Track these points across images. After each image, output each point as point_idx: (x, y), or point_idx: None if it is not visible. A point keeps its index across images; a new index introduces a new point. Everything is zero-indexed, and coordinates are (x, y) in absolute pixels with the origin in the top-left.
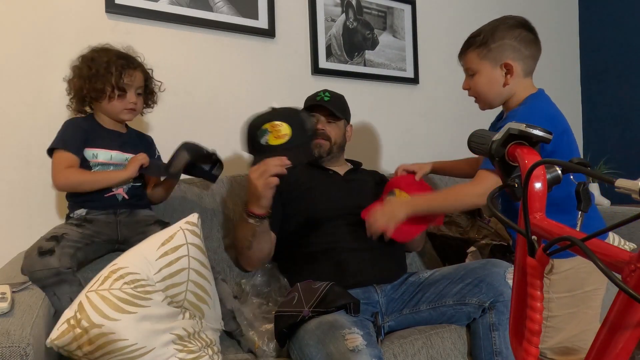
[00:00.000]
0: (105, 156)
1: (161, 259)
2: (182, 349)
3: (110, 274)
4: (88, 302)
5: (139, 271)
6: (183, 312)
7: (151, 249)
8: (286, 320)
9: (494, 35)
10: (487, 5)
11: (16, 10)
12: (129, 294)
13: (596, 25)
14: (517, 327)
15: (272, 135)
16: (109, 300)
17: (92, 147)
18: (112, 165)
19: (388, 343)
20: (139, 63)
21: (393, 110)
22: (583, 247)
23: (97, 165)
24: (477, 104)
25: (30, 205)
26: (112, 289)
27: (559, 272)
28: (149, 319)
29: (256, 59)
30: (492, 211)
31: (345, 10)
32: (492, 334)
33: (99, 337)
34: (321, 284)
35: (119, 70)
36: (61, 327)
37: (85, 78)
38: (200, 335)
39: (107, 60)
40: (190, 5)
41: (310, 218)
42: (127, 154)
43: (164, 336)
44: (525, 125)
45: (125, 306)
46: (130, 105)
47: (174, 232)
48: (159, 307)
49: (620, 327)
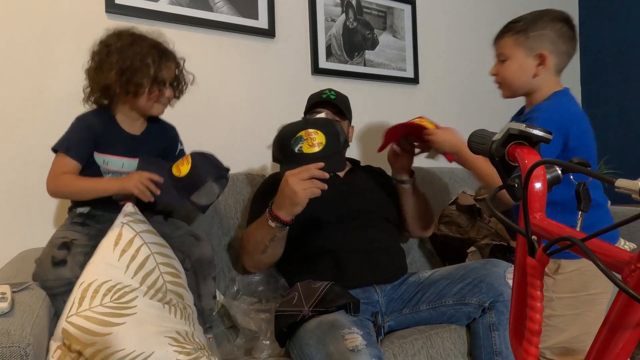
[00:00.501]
0: (117, 164)
1: (123, 258)
2: (181, 350)
3: (84, 292)
4: (72, 327)
5: (109, 278)
6: (171, 309)
7: (108, 254)
8: (286, 319)
9: (535, 24)
10: (487, 5)
11: (16, 10)
12: (112, 307)
13: (596, 25)
14: (517, 327)
15: (307, 144)
16: (94, 319)
17: (103, 153)
18: (123, 173)
19: (388, 343)
20: (172, 53)
21: (393, 110)
22: (583, 247)
23: (108, 173)
24: (500, 91)
25: (30, 205)
26: (92, 307)
27: (564, 272)
28: (139, 325)
29: (256, 59)
30: (492, 211)
31: (345, 10)
32: (492, 333)
33: (95, 355)
34: (321, 284)
35: (157, 63)
36: (55, 354)
37: (118, 71)
38: (193, 338)
39: (142, 50)
40: (190, 5)
41: (309, 222)
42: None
43: (159, 338)
44: (525, 125)
45: (112, 319)
46: (165, 100)
47: (119, 230)
48: (146, 306)
49: (620, 327)
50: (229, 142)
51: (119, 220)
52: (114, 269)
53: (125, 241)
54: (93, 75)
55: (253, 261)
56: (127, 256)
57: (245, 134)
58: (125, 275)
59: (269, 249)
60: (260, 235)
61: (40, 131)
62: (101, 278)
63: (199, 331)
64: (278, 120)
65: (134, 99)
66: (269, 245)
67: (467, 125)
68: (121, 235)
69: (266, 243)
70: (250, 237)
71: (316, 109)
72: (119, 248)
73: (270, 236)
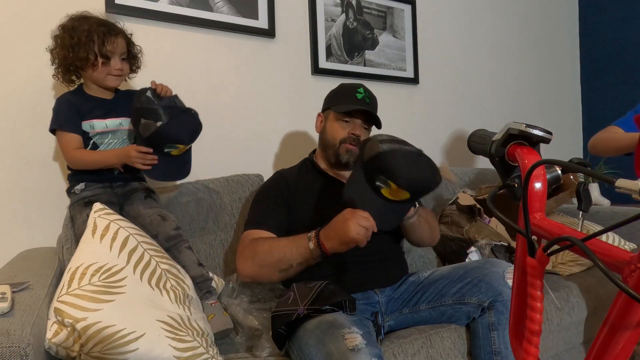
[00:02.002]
0: (100, 125)
1: (104, 240)
2: (174, 337)
3: (72, 275)
4: (63, 304)
5: (95, 260)
6: (163, 292)
7: (89, 241)
8: (282, 319)
9: None
10: (487, 5)
11: (16, 11)
12: (100, 286)
13: (596, 25)
14: (517, 327)
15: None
16: (84, 296)
17: (87, 120)
18: (110, 132)
19: (388, 343)
20: (120, 29)
21: (393, 110)
22: (583, 247)
23: (95, 135)
24: None
25: (30, 205)
26: (82, 287)
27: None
28: (129, 305)
29: (256, 59)
30: (492, 211)
31: (345, 10)
32: (492, 333)
33: (87, 329)
34: (316, 283)
35: (101, 38)
36: (52, 328)
37: (68, 47)
38: (190, 323)
39: (88, 28)
40: (190, 5)
41: (309, 228)
42: (120, 118)
43: (152, 321)
44: (525, 125)
45: (101, 296)
46: (116, 71)
47: (93, 222)
48: (136, 287)
49: (620, 327)
50: (229, 142)
51: (91, 217)
52: (98, 252)
53: (102, 227)
54: (54, 54)
55: (267, 275)
56: (108, 238)
57: (245, 133)
58: (110, 254)
59: (291, 271)
60: (291, 255)
61: (40, 131)
62: (87, 261)
63: (197, 314)
64: (278, 120)
65: (86, 72)
66: (295, 267)
67: (467, 125)
68: (97, 225)
69: (293, 264)
70: (276, 251)
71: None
72: (98, 234)
73: (302, 259)
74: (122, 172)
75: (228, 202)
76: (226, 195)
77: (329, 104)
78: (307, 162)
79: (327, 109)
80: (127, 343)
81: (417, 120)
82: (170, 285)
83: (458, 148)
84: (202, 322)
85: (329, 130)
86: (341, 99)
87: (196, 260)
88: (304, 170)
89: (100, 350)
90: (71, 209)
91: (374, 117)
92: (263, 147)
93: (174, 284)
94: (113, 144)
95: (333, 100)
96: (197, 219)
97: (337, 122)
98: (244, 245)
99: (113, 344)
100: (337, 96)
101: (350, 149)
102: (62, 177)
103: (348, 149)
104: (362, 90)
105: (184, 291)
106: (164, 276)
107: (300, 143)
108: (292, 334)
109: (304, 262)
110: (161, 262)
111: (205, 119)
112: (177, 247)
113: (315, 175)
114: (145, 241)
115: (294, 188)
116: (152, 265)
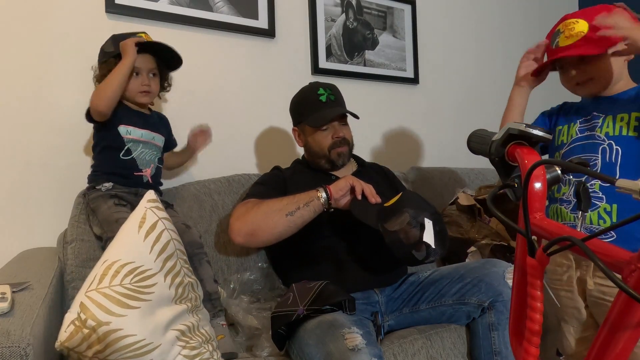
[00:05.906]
0: (137, 133)
1: (148, 239)
2: (185, 345)
3: (106, 270)
4: (91, 301)
5: (133, 259)
6: (182, 301)
7: (133, 234)
8: (282, 320)
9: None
10: (486, 5)
11: (16, 11)
12: (130, 289)
13: None
14: (517, 327)
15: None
16: (112, 297)
17: (125, 124)
18: (142, 142)
19: (388, 343)
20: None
21: (393, 110)
22: (583, 247)
23: (130, 141)
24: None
25: (30, 206)
26: (112, 286)
27: None
28: (152, 313)
29: (256, 59)
30: (492, 211)
31: (345, 10)
32: (491, 333)
33: (107, 335)
34: (316, 283)
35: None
36: (68, 329)
37: (102, 62)
38: (199, 330)
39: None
40: (190, 5)
41: (311, 223)
42: (155, 133)
43: (168, 331)
44: (525, 125)
45: (128, 301)
46: (144, 87)
47: (143, 213)
48: (162, 293)
49: (621, 327)
50: (229, 142)
51: (143, 205)
52: (138, 250)
53: (150, 224)
54: (95, 69)
55: (264, 222)
56: (151, 239)
57: (245, 133)
58: (149, 257)
59: (297, 214)
60: (299, 196)
61: (40, 131)
62: (124, 259)
63: (204, 320)
64: (278, 120)
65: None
66: (301, 209)
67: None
68: (145, 218)
69: (300, 205)
70: (284, 198)
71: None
72: (144, 230)
73: (309, 199)
74: (150, 182)
75: (230, 202)
76: (228, 196)
77: (300, 118)
78: (301, 162)
79: (300, 122)
80: (143, 354)
81: (417, 121)
82: (190, 297)
83: (458, 148)
84: (208, 327)
85: (312, 143)
86: (308, 109)
87: (213, 275)
88: (299, 169)
89: (116, 359)
90: (91, 203)
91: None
92: (263, 147)
93: (192, 296)
94: (144, 154)
95: (302, 112)
96: (200, 222)
97: (317, 133)
98: (243, 205)
99: (130, 353)
100: (303, 106)
101: (341, 152)
102: (63, 177)
103: (339, 152)
104: (322, 90)
105: (197, 302)
106: (187, 288)
107: None
108: (292, 334)
109: (310, 202)
110: (187, 275)
111: (205, 119)
112: (198, 259)
113: (311, 171)
114: (181, 249)
115: (290, 182)
116: (180, 275)
